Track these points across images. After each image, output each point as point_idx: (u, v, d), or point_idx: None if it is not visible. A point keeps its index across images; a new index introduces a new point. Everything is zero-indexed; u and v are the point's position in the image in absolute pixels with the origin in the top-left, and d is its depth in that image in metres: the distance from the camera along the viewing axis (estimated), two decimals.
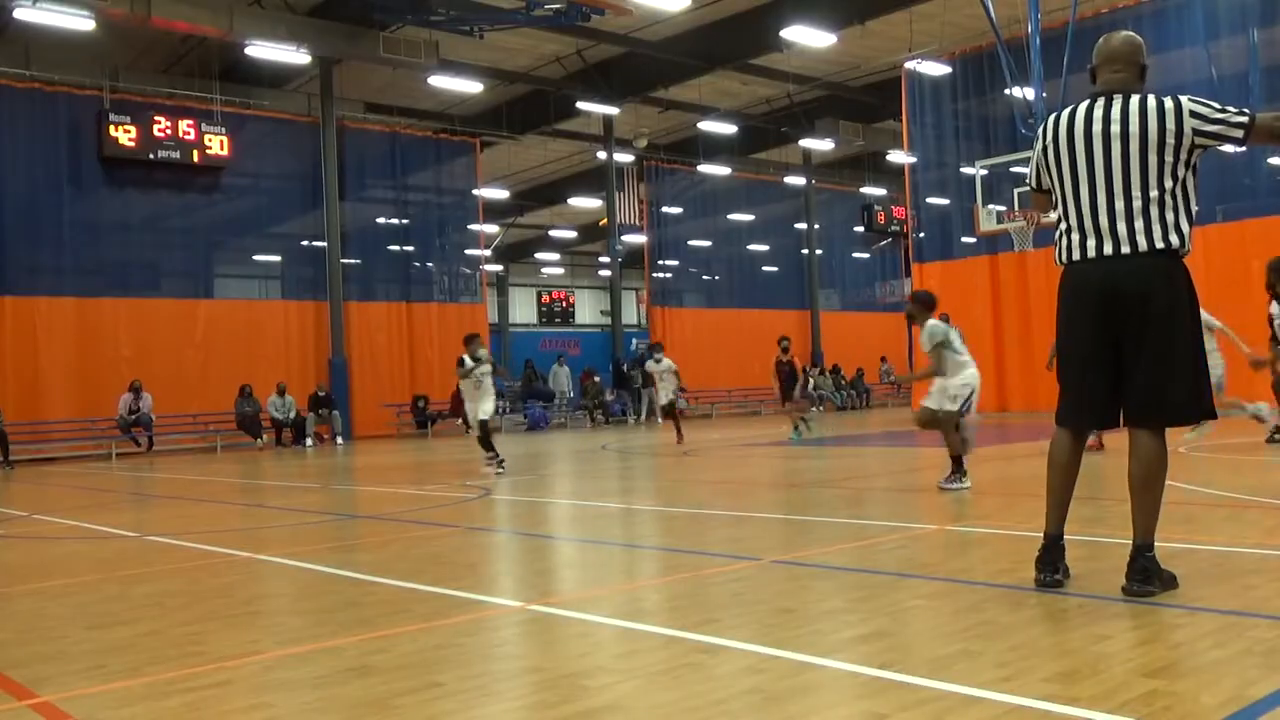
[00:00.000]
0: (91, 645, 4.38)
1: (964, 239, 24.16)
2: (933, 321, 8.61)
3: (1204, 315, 4.76)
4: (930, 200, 25.52)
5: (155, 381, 21.97)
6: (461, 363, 13.14)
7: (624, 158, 31.52)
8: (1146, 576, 4.23)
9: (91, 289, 22.22)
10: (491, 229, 36.58)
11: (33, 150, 21.78)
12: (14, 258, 21.41)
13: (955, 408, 8.51)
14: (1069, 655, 3.48)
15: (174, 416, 22.60)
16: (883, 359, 35.11)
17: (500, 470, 12.59)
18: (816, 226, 35.72)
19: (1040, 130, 4.57)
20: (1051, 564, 4.45)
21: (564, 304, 50.16)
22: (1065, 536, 4.50)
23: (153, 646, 4.30)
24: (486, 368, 13.22)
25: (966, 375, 8.58)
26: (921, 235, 25.62)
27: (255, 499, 11.40)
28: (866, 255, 38.11)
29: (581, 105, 27.24)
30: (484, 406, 13.06)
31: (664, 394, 18.43)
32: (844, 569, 5.37)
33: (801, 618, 4.24)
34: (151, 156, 22.57)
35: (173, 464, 18.82)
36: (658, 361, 18.54)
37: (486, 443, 12.91)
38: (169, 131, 22.74)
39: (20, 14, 18.76)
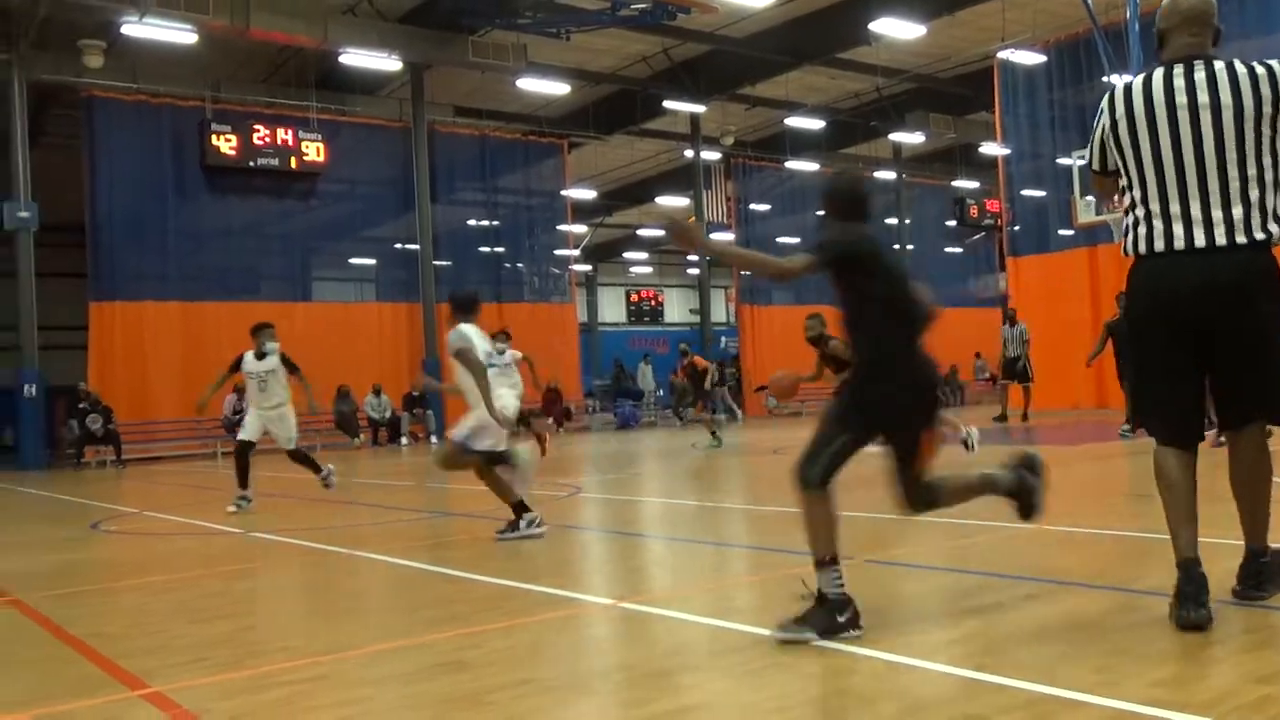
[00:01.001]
0: (193, 639, 4.52)
1: (1061, 231, 23.55)
2: (461, 326, 6.99)
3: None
4: (1025, 192, 24.95)
5: None
6: (237, 364, 9.94)
7: (711, 155, 31.43)
8: (1259, 581, 3.97)
9: (195, 293, 22.95)
10: (580, 229, 36.75)
11: (139, 160, 22.58)
12: (122, 264, 22.25)
13: (499, 445, 6.98)
14: (1174, 659, 3.36)
15: None
16: (977, 355, 34.42)
17: (239, 507, 9.60)
18: (907, 221, 35.17)
19: (1105, 103, 3.96)
20: (1194, 597, 3.59)
21: (653, 303, 50.21)
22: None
23: (251, 640, 4.42)
24: (271, 364, 9.82)
25: (501, 403, 6.98)
26: (1016, 228, 25.05)
27: (352, 497, 11.60)
28: (959, 250, 37.43)
29: (668, 104, 27.26)
30: (252, 421, 10.02)
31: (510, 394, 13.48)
32: (937, 568, 5.27)
33: (894, 618, 4.16)
34: (251, 164, 23.24)
35: (274, 462, 19.27)
36: (500, 353, 13.63)
37: (242, 469, 9.86)
38: (268, 140, 23.38)
39: (127, 29, 19.50)
